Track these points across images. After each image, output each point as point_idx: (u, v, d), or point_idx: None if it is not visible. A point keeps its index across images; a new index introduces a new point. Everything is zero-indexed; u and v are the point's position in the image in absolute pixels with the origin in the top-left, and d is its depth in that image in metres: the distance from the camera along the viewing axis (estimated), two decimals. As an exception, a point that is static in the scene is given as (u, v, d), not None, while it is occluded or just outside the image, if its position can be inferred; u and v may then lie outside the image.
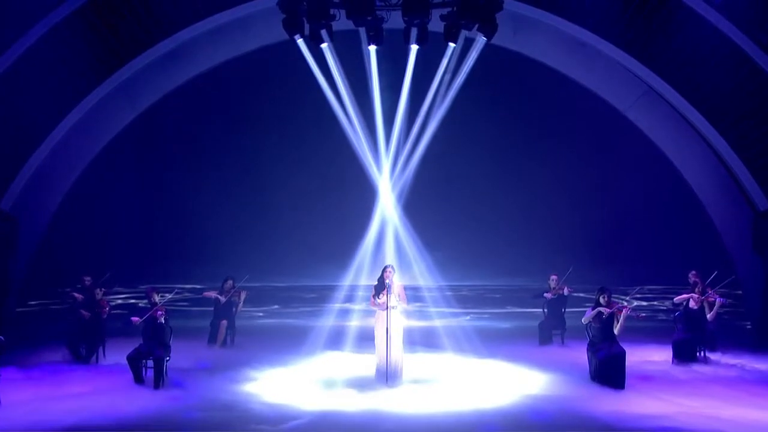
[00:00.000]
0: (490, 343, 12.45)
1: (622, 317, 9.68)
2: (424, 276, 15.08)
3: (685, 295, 11.63)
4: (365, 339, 12.09)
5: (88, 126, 14.31)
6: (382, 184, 14.91)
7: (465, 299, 16.02)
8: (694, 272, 11.86)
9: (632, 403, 8.86)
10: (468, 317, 15.44)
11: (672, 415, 8.36)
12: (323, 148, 15.93)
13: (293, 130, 16.44)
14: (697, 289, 11.54)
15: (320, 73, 13.86)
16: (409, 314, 12.89)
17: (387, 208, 14.99)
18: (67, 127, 13.94)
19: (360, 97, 14.39)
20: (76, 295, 12.17)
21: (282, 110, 16.30)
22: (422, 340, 12.66)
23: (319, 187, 16.58)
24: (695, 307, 11.50)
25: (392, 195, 14.98)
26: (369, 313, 11.74)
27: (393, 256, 14.32)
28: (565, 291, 12.97)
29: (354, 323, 14.06)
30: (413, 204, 15.30)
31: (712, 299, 11.43)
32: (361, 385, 9.81)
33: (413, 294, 13.61)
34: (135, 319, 10.11)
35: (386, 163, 14.79)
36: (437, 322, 15.05)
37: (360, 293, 14.89)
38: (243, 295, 13.04)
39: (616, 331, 9.77)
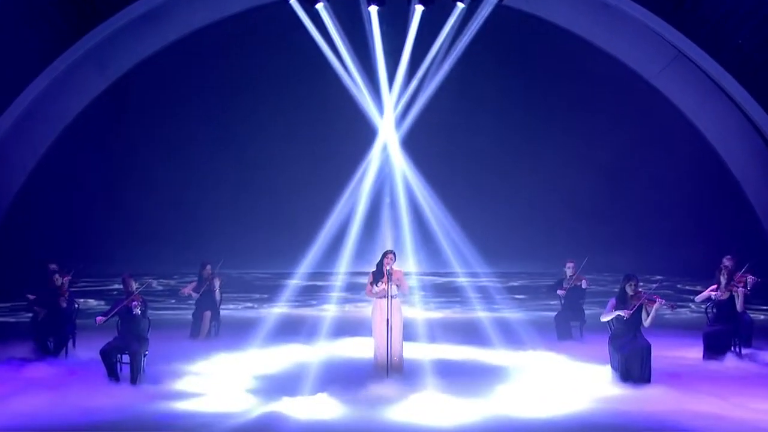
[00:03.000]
0: (501, 336, 12.46)
1: (653, 310, 9.59)
2: (425, 264, 15.11)
3: (705, 293, 11.42)
4: (359, 329, 12.15)
5: (54, 96, 14.27)
6: (392, 157, 14.92)
7: (472, 289, 16.00)
8: (728, 257, 11.60)
9: (660, 404, 8.86)
10: (477, 307, 15.45)
11: (703, 422, 8.36)
12: (318, 119, 15.86)
13: (283, 100, 16.31)
14: (722, 277, 11.26)
15: (319, 37, 13.75)
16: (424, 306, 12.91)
17: (394, 174, 15.01)
18: (31, 96, 13.91)
19: (360, 65, 14.34)
20: (29, 296, 11.77)
21: (270, 79, 16.21)
22: (423, 333, 12.68)
23: (314, 166, 16.48)
24: (723, 297, 11.38)
25: (398, 176, 15.01)
26: (366, 302, 11.78)
27: (409, 242, 14.34)
28: (583, 284, 12.88)
29: (349, 312, 14.12)
30: (416, 181, 15.28)
31: (736, 289, 11.16)
32: (357, 383, 9.80)
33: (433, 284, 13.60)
34: (99, 318, 9.96)
35: (392, 131, 14.78)
36: (444, 313, 15.11)
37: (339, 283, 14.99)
38: (217, 282, 12.93)
39: (646, 324, 9.71)
